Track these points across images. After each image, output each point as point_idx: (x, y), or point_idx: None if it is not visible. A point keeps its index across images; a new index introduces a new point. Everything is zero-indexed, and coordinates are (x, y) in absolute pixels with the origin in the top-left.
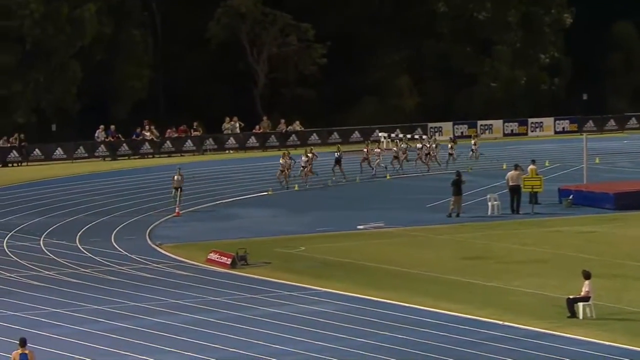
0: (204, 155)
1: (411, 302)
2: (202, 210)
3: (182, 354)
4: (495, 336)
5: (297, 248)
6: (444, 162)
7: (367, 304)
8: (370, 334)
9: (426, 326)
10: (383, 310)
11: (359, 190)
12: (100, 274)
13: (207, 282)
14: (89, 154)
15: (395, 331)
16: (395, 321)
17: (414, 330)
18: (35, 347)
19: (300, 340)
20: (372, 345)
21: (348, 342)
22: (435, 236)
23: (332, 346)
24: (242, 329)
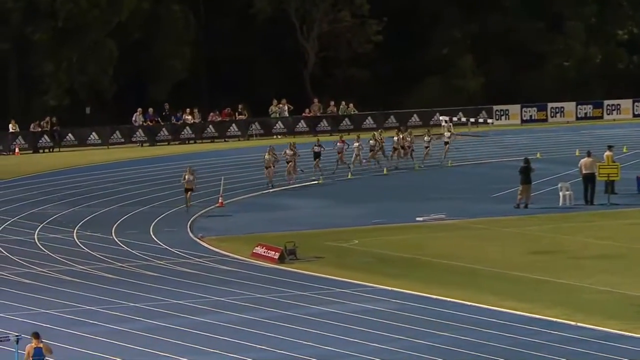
0: (250, 140)
1: (474, 300)
2: (248, 200)
3: (225, 355)
4: (565, 338)
5: (350, 241)
6: (420, 158)
7: (426, 303)
8: (428, 335)
9: (490, 327)
10: (443, 309)
11: (418, 178)
12: (138, 269)
13: (253, 278)
14: (126, 139)
15: (456, 332)
16: (456, 321)
17: (476, 331)
18: (67, 347)
19: (352, 341)
20: (431, 346)
21: (404, 344)
22: (501, 229)
23: (387, 348)
24: (290, 329)
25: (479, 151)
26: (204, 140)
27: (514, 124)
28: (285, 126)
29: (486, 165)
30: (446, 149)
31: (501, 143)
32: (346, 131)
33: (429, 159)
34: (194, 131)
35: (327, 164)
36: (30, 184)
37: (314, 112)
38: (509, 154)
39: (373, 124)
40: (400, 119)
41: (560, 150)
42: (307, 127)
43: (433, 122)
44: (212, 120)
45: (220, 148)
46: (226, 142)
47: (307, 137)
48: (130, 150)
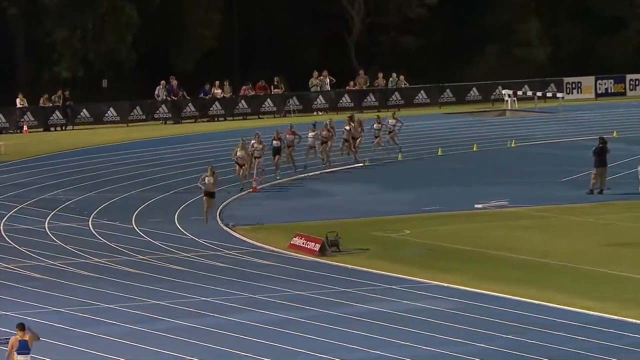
0: (287, 117)
1: (541, 298)
2: (284, 185)
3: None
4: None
5: (400, 232)
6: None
7: (486, 301)
8: (489, 338)
9: (560, 328)
10: (505, 309)
11: (476, 160)
12: (162, 263)
13: (290, 272)
14: (147, 116)
15: (521, 334)
16: (520, 322)
17: (543, 333)
18: (81, 349)
19: (402, 344)
20: (492, 351)
21: (461, 348)
22: (572, 218)
23: (443, 352)
24: (333, 330)
25: (547, 129)
26: (235, 117)
27: (587, 98)
28: (326, 101)
29: (555, 146)
30: (390, 138)
31: (572, 120)
32: (396, 107)
33: (380, 150)
34: (223, 107)
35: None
36: (40, 165)
37: (360, 86)
38: (581, 132)
39: (426, 99)
40: (457, 92)
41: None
42: (351, 102)
43: (494, 97)
44: (244, 94)
45: (254, 126)
46: (260, 120)
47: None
48: (152, 129)
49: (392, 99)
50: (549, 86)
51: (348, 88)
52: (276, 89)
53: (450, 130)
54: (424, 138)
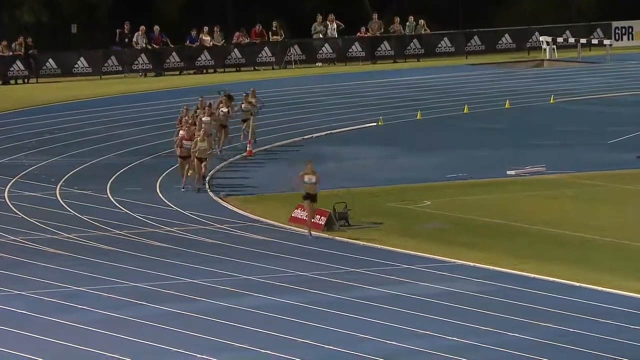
0: (287, 69)
1: (585, 280)
2: (285, 147)
3: (257, 353)
4: None
5: (420, 203)
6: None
7: (520, 283)
8: (524, 326)
9: (610, 315)
10: (543, 292)
11: (509, 119)
12: (141, 239)
13: (292, 250)
14: (124, 67)
15: (562, 322)
16: (561, 308)
17: (589, 320)
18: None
19: (423, 334)
20: (529, 341)
21: (493, 338)
22: (621, 186)
23: (470, 342)
24: (340, 317)
25: (592, 83)
26: (227, 68)
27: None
28: (333, 50)
29: (602, 102)
30: (246, 126)
31: (622, 72)
32: (415, 57)
33: (227, 144)
34: (213, 57)
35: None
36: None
37: (373, 32)
38: (632, 86)
39: (451, 47)
40: (486, 40)
41: None
42: (362, 51)
43: (530, 45)
44: (237, 42)
45: (249, 79)
46: (256, 72)
47: (362, 66)
48: (129, 82)
49: (411, 48)
50: (595, 32)
51: (359, 35)
52: (275, 35)
53: (479, 84)
54: (448, 93)
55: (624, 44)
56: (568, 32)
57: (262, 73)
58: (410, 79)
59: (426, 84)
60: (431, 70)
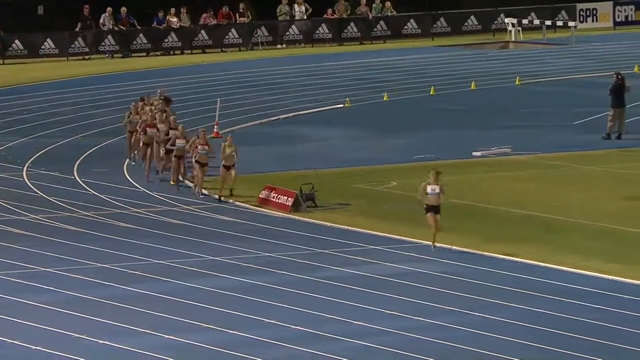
0: (254, 51)
1: (550, 260)
2: (252, 129)
3: (223, 333)
4: None
5: (387, 184)
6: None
7: (486, 264)
8: (490, 306)
9: (574, 295)
10: (508, 272)
11: (475, 100)
12: (108, 219)
13: (258, 231)
14: (91, 49)
15: (527, 302)
16: (526, 288)
17: (553, 300)
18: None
19: (389, 314)
20: (495, 321)
21: (459, 318)
22: (586, 167)
23: (438, 323)
24: (307, 298)
25: (557, 64)
26: (194, 50)
27: (604, 27)
28: (300, 32)
29: (567, 83)
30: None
31: (587, 53)
32: (381, 38)
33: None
34: (180, 38)
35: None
36: None
37: (340, 14)
38: (597, 67)
39: (417, 29)
40: (452, 22)
41: None
42: (329, 32)
43: (496, 27)
44: (205, 23)
45: (216, 60)
46: (223, 53)
47: (329, 47)
48: (96, 64)
49: (377, 30)
50: (560, 13)
51: (326, 16)
52: (242, 17)
53: (445, 65)
54: (414, 75)
55: (588, 25)
56: (533, 14)
57: (229, 54)
58: (376, 61)
59: (393, 66)
60: (398, 52)
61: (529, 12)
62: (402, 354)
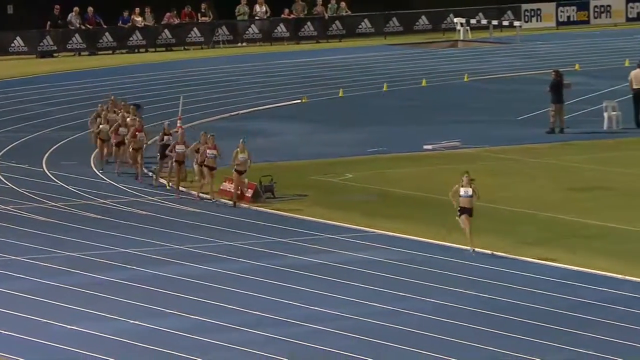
0: (216, 49)
1: (497, 248)
2: (213, 123)
3: (187, 318)
4: (615, 296)
5: (342, 176)
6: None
7: (437, 252)
8: (441, 292)
9: (518, 281)
10: (459, 260)
11: (425, 96)
12: (76, 210)
13: (219, 221)
14: (59, 47)
15: (476, 288)
16: (475, 275)
17: (500, 287)
18: None
19: (345, 300)
20: (443, 306)
21: (409, 303)
22: (530, 159)
23: (390, 308)
24: (267, 285)
25: (504, 62)
26: (157, 48)
27: (547, 27)
28: (260, 31)
29: (512, 80)
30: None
31: (531, 52)
32: (337, 37)
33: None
34: (145, 37)
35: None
36: None
37: (297, 13)
38: (540, 65)
39: (370, 28)
40: (404, 21)
41: (605, 60)
42: (287, 31)
43: (445, 26)
44: (168, 23)
45: (179, 58)
46: (186, 51)
47: (287, 46)
48: (64, 61)
49: (333, 29)
50: (506, 14)
51: (284, 16)
52: (204, 17)
53: (397, 63)
54: (368, 72)
55: (532, 25)
56: (480, 14)
57: (191, 52)
58: (332, 59)
59: (347, 63)
60: (352, 50)
61: (477, 12)
62: (360, 338)
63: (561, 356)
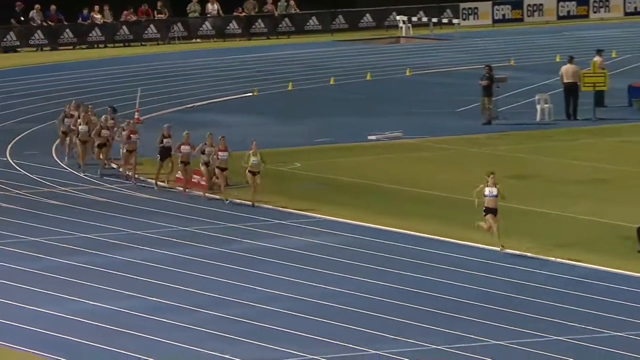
0: (171, 44)
1: (435, 232)
2: (169, 115)
3: (144, 299)
4: (541, 276)
5: (291, 164)
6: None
7: (379, 235)
8: (383, 274)
9: (455, 263)
10: (400, 244)
11: (369, 89)
12: (39, 198)
13: (176, 207)
14: (22, 42)
15: (416, 270)
16: (415, 257)
17: (438, 268)
18: None
19: (294, 281)
20: (385, 287)
21: (355, 284)
22: (468, 149)
23: (335, 289)
24: (220, 268)
25: (443, 57)
26: (115, 44)
27: (484, 24)
28: (213, 28)
29: (451, 74)
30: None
31: (469, 48)
32: (286, 34)
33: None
34: (104, 33)
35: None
36: None
37: (248, 11)
38: (477, 60)
39: (318, 25)
40: (350, 19)
41: (537, 55)
42: (239, 28)
43: (389, 23)
44: (125, 20)
45: (136, 53)
46: (143, 47)
47: (239, 42)
48: (26, 56)
49: (282, 26)
50: (445, 12)
51: (236, 14)
52: (160, 14)
53: (343, 58)
54: (316, 67)
55: (470, 22)
56: (422, 12)
57: (148, 48)
58: (282, 54)
59: (296, 59)
60: (301, 46)
61: (418, 10)
62: (309, 318)
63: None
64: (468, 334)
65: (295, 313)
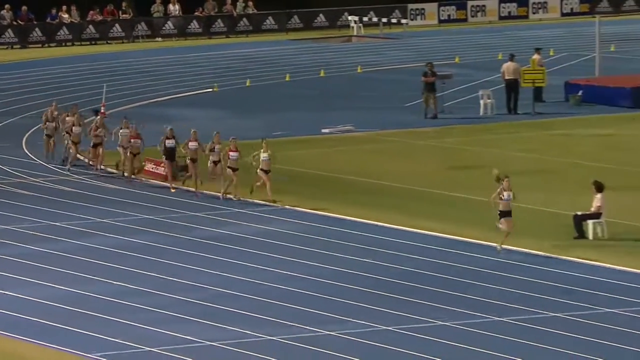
0: (135, 43)
1: (385, 220)
2: (133, 110)
3: (109, 283)
4: (488, 261)
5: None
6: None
7: (333, 223)
8: (335, 259)
9: (403, 249)
10: (351, 231)
11: (322, 85)
12: (9, 188)
13: (140, 197)
14: None
15: (366, 255)
16: (366, 243)
17: (388, 254)
18: None
19: (250, 266)
20: (337, 271)
21: (308, 269)
22: (415, 142)
23: (289, 273)
24: (181, 253)
25: (392, 55)
26: (83, 42)
27: (430, 24)
28: (175, 27)
29: (400, 72)
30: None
31: (416, 46)
32: (244, 33)
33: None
34: (71, 32)
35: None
36: None
37: (208, 11)
38: (425, 58)
39: (274, 25)
40: (304, 19)
41: (481, 53)
42: (199, 27)
43: (341, 23)
44: (92, 19)
45: (102, 51)
46: (108, 45)
47: (199, 40)
48: None
49: (241, 25)
50: (394, 12)
51: (196, 14)
52: (124, 14)
53: (298, 56)
54: (272, 64)
55: (418, 23)
56: (372, 13)
57: (113, 46)
58: (240, 52)
59: (254, 56)
60: (258, 45)
61: (369, 10)
62: (264, 301)
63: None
64: (416, 315)
65: (251, 296)
